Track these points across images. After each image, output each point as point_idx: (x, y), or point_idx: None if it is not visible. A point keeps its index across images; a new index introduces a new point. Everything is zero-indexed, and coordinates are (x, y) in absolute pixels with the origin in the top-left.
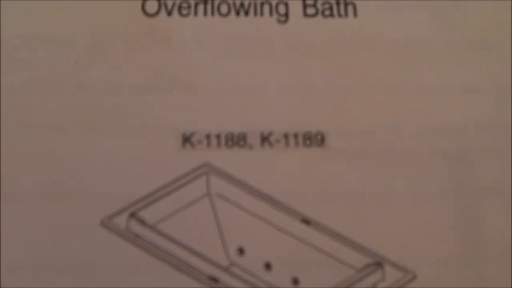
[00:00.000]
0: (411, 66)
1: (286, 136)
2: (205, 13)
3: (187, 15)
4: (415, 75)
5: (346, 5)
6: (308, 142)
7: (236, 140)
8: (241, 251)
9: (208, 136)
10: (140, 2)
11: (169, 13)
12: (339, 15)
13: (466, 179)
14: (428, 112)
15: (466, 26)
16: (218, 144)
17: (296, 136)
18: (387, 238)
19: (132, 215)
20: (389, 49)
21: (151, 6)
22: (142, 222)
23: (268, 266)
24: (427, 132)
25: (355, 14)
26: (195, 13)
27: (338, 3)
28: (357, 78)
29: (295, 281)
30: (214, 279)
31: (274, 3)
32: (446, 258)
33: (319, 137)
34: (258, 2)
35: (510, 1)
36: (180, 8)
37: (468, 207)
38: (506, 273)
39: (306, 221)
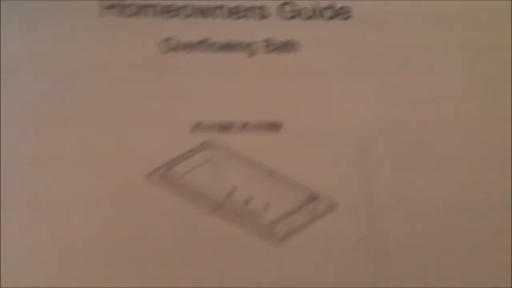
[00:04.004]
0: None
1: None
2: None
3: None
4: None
5: (292, 44)
6: None
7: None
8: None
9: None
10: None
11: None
12: (287, 51)
13: None
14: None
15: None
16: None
17: None
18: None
19: (168, 169)
20: (326, 77)
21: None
22: (175, 174)
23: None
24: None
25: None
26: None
27: (286, 43)
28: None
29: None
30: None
31: (244, 43)
32: None
33: None
34: (233, 43)
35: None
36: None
37: None
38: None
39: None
